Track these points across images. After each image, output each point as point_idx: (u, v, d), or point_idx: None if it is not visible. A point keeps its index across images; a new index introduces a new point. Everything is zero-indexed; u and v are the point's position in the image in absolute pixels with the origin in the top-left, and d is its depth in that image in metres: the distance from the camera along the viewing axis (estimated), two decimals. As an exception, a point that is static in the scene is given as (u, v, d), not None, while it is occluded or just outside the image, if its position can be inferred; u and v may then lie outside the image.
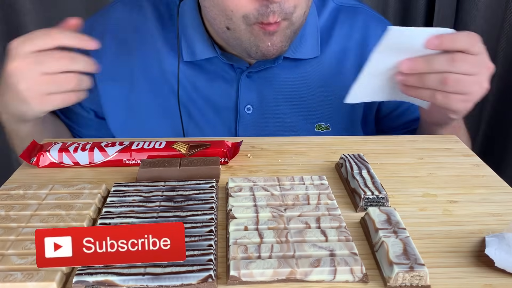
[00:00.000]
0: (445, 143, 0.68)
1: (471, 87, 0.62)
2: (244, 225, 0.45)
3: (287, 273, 0.39)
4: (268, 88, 0.80)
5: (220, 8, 0.67)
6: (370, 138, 0.71)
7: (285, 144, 0.66)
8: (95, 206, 0.49)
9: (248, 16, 0.66)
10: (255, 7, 0.65)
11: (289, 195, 0.50)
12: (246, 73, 0.78)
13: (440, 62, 0.60)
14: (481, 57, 0.62)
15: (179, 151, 0.60)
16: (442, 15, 1.18)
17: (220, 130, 0.81)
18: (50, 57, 0.60)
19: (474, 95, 0.63)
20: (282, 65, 0.79)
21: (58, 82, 0.61)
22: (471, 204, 0.52)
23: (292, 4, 0.66)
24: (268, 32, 0.67)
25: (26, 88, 0.61)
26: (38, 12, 1.23)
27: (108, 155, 0.60)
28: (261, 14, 0.65)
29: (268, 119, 0.81)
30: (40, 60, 0.60)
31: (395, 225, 0.44)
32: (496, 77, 1.27)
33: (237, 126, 0.80)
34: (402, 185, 0.56)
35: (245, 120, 0.80)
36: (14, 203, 0.49)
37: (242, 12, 0.66)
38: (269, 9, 0.65)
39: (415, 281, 0.39)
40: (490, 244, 0.42)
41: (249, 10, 0.65)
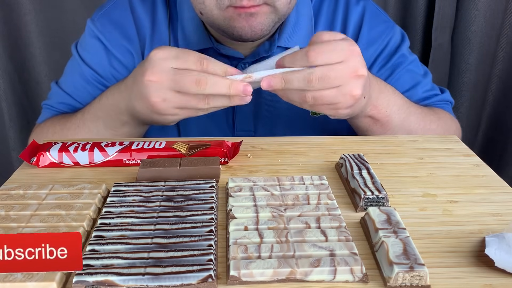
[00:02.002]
0: (445, 143, 0.68)
1: (335, 99, 0.60)
2: (244, 225, 0.45)
3: (287, 273, 0.39)
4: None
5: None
6: (370, 138, 0.71)
7: (285, 144, 0.66)
8: (95, 206, 0.49)
9: (222, 0, 0.66)
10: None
11: (289, 195, 0.50)
12: (241, 64, 0.79)
13: (297, 81, 0.59)
14: (346, 65, 0.59)
15: (179, 151, 0.60)
16: (442, 15, 1.18)
17: (218, 121, 0.81)
18: (189, 79, 0.58)
19: (342, 104, 0.61)
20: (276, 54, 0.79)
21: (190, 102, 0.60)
22: (471, 204, 0.52)
23: None
24: (244, 13, 0.67)
25: (159, 101, 0.61)
26: (38, 12, 1.23)
27: (108, 155, 0.59)
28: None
29: (264, 107, 0.82)
30: (178, 79, 0.59)
31: (395, 225, 0.44)
32: (496, 77, 1.27)
33: (234, 116, 0.81)
34: (402, 185, 0.56)
35: (242, 110, 0.81)
36: (14, 203, 0.49)
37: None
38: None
39: (415, 281, 0.39)
40: (490, 244, 0.42)
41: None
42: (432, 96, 0.84)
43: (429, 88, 0.84)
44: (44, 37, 1.26)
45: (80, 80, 0.82)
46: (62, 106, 0.83)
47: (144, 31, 0.81)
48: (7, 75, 1.27)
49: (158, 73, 0.60)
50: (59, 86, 0.83)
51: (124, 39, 0.81)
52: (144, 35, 0.81)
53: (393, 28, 0.85)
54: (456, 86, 1.29)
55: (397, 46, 0.84)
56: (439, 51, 1.22)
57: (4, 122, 1.32)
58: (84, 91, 0.81)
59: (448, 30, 1.22)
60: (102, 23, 0.81)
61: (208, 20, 0.72)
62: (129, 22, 0.81)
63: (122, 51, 0.81)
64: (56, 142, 0.62)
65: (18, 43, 1.25)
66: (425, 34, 1.24)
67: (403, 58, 0.83)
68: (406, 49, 0.85)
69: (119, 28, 0.81)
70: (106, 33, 0.81)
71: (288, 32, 0.79)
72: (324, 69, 0.58)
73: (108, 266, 0.39)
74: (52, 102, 0.83)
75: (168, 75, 0.59)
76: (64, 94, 0.82)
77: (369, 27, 0.83)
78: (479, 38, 1.21)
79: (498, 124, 1.31)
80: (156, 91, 0.60)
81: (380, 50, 0.83)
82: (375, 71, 0.83)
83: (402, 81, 0.82)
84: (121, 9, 0.82)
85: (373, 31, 0.83)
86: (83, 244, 0.45)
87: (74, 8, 1.24)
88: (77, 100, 0.82)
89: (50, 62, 1.29)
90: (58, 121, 0.79)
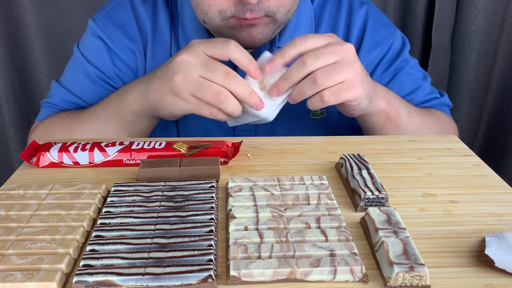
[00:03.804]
0: (445, 143, 0.68)
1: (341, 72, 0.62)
2: (244, 225, 0.45)
3: (287, 273, 0.39)
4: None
5: (198, 1, 0.69)
6: (370, 138, 0.71)
7: (285, 144, 0.66)
8: (95, 206, 0.49)
9: (225, 12, 0.68)
10: (233, 4, 0.67)
11: (289, 195, 0.50)
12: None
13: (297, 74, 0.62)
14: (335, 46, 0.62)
15: (179, 151, 0.60)
16: (442, 15, 1.18)
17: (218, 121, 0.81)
18: (218, 68, 0.61)
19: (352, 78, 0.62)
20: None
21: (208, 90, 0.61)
22: (471, 204, 0.52)
23: (273, 5, 0.68)
24: (246, 24, 0.69)
25: (180, 80, 0.62)
26: (38, 12, 1.23)
27: (108, 155, 0.60)
28: (238, 10, 0.67)
29: None
30: (207, 64, 0.61)
31: (395, 225, 0.44)
32: (496, 77, 1.27)
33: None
34: (402, 185, 0.56)
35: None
36: (14, 203, 0.49)
37: (219, 7, 0.68)
38: (245, 7, 0.66)
39: (415, 281, 0.39)
40: (490, 244, 0.42)
41: (226, 7, 0.67)
42: (431, 99, 0.85)
43: (428, 92, 0.85)
44: (44, 37, 1.26)
45: (85, 78, 0.82)
46: (65, 104, 0.83)
47: (145, 31, 0.81)
48: (7, 75, 1.27)
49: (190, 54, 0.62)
50: (61, 85, 0.83)
51: (126, 39, 0.81)
52: (146, 35, 0.81)
53: (394, 32, 0.86)
54: (456, 86, 1.29)
55: (399, 50, 0.85)
56: (439, 51, 1.22)
57: (4, 122, 1.32)
58: (89, 89, 0.82)
59: (448, 30, 1.22)
60: (104, 23, 0.81)
61: (211, 28, 0.74)
62: (131, 22, 0.81)
63: (125, 50, 0.81)
64: (56, 142, 0.62)
65: (18, 43, 1.25)
66: (425, 34, 1.24)
67: (404, 63, 0.84)
68: (407, 54, 0.86)
69: (121, 28, 0.81)
70: (109, 33, 0.81)
71: (288, 33, 0.79)
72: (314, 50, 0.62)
73: (108, 266, 0.39)
74: (54, 101, 0.83)
75: (200, 59, 0.62)
76: (68, 92, 0.82)
77: (372, 31, 0.83)
78: (479, 38, 1.21)
79: (498, 124, 1.31)
80: (182, 70, 0.62)
81: (383, 54, 0.84)
82: (378, 74, 0.83)
83: (403, 85, 0.83)
84: (123, 10, 0.82)
85: (376, 35, 0.83)
86: (83, 244, 0.45)
87: (74, 8, 1.24)
88: (81, 99, 0.82)
89: (50, 62, 1.29)
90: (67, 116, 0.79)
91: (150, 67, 0.81)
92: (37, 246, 0.42)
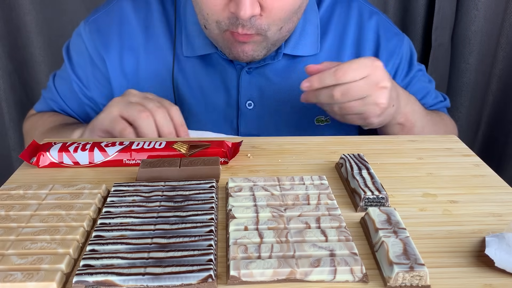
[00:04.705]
0: (445, 143, 0.68)
1: (361, 109, 0.67)
2: (244, 225, 0.45)
3: (287, 273, 0.39)
4: (268, 84, 0.80)
5: (199, 8, 0.70)
6: (370, 138, 0.71)
7: (285, 144, 0.66)
8: (95, 206, 0.49)
9: (221, 23, 0.69)
10: (227, 16, 0.68)
11: (289, 195, 0.50)
12: (246, 69, 0.79)
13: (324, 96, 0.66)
14: (369, 79, 0.64)
15: (179, 151, 0.60)
16: (442, 15, 1.18)
17: (222, 126, 0.81)
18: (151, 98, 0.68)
19: (370, 114, 0.67)
20: (281, 61, 0.79)
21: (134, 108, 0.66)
22: (471, 204, 0.52)
23: (265, 23, 0.68)
24: (239, 40, 0.70)
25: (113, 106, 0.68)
26: (38, 12, 1.23)
27: (108, 155, 0.60)
28: (231, 23, 0.68)
29: (268, 114, 0.82)
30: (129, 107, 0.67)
31: (395, 225, 0.44)
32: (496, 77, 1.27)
33: (238, 122, 0.81)
34: (402, 185, 0.56)
35: (246, 116, 0.81)
36: (14, 203, 0.49)
37: (216, 17, 0.69)
38: (238, 21, 0.67)
39: (415, 281, 0.39)
40: (490, 244, 0.42)
41: (222, 18, 0.69)
42: (438, 103, 0.88)
43: (435, 96, 0.88)
44: (44, 37, 1.26)
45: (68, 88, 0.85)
46: (53, 104, 0.87)
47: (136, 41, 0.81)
48: (7, 75, 1.27)
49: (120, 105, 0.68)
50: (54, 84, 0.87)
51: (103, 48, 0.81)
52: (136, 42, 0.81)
53: (403, 39, 0.86)
54: (456, 86, 1.29)
55: (410, 57, 0.87)
56: (439, 51, 1.22)
57: (4, 122, 1.32)
58: (72, 98, 0.86)
59: (448, 30, 1.22)
60: (90, 29, 0.82)
61: (210, 38, 0.75)
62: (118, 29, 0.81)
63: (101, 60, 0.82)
64: (56, 142, 0.62)
65: (18, 43, 1.25)
66: (425, 34, 1.24)
67: (416, 69, 0.87)
68: (416, 60, 0.88)
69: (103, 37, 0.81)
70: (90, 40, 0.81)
71: (294, 40, 0.79)
72: (347, 85, 0.64)
73: (108, 266, 0.39)
74: (47, 96, 0.88)
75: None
76: (56, 93, 0.87)
77: (386, 41, 0.84)
78: (479, 38, 1.21)
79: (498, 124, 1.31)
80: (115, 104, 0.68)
81: (398, 62, 0.85)
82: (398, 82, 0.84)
83: (416, 91, 0.85)
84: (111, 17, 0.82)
85: (389, 44, 0.84)
86: (83, 244, 0.45)
87: (74, 8, 1.24)
88: (67, 104, 0.86)
89: (50, 62, 1.29)
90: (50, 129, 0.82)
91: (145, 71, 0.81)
92: (37, 246, 0.42)
